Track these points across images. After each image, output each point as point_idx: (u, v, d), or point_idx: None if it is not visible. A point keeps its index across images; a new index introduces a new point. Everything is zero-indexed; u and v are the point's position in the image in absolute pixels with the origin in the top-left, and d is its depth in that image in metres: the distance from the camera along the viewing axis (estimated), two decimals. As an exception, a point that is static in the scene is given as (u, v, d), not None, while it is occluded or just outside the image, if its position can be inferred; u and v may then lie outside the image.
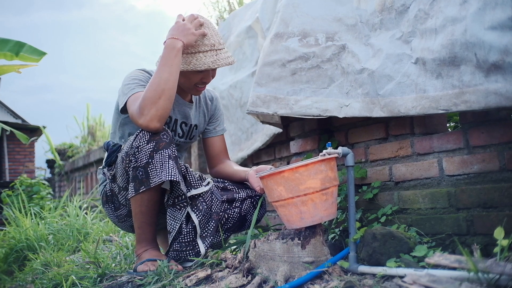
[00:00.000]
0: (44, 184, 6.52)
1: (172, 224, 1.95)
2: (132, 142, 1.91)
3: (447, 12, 1.67)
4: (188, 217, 1.97)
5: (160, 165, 1.85)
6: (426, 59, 1.72)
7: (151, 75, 2.06)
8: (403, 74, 1.81)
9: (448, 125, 2.34)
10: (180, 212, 1.94)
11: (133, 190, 1.90)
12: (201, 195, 2.00)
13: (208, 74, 2.06)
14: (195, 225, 1.95)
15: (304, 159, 2.32)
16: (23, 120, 12.55)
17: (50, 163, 10.86)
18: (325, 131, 2.41)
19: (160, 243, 2.32)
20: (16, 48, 3.52)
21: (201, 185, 2.02)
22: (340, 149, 1.74)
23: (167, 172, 1.85)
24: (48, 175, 11.04)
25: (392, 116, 1.85)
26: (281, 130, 2.74)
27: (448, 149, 1.82)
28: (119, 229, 3.67)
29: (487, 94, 1.53)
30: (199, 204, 1.98)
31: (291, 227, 1.70)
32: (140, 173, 1.87)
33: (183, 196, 1.93)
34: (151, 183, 1.86)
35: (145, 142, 1.87)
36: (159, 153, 1.86)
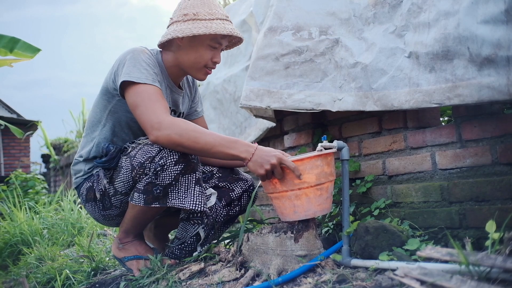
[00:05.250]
0: (39, 178, 6.50)
1: (182, 234, 1.92)
2: (155, 157, 1.73)
3: (440, 6, 1.67)
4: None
5: (185, 190, 1.77)
6: (419, 53, 1.72)
7: (154, 59, 1.91)
8: (396, 68, 1.81)
9: (441, 119, 2.34)
10: (193, 227, 1.90)
11: (142, 201, 1.78)
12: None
13: (218, 53, 1.93)
14: (200, 237, 1.92)
15: (298, 153, 2.33)
16: (18, 115, 12.50)
17: (46, 158, 10.81)
18: (319, 125, 2.41)
19: (146, 237, 2.24)
20: (11, 45, 3.47)
21: (207, 199, 1.96)
22: (336, 143, 1.73)
23: (191, 199, 1.76)
24: (43, 170, 11.00)
25: (385, 110, 1.85)
26: (274, 124, 2.74)
27: (441, 143, 1.83)
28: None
29: (480, 88, 1.53)
30: (205, 219, 1.92)
31: (285, 220, 1.70)
32: (158, 190, 1.75)
33: (199, 214, 1.89)
34: (168, 203, 1.77)
35: (173, 162, 1.73)
36: (185, 177, 1.76)
